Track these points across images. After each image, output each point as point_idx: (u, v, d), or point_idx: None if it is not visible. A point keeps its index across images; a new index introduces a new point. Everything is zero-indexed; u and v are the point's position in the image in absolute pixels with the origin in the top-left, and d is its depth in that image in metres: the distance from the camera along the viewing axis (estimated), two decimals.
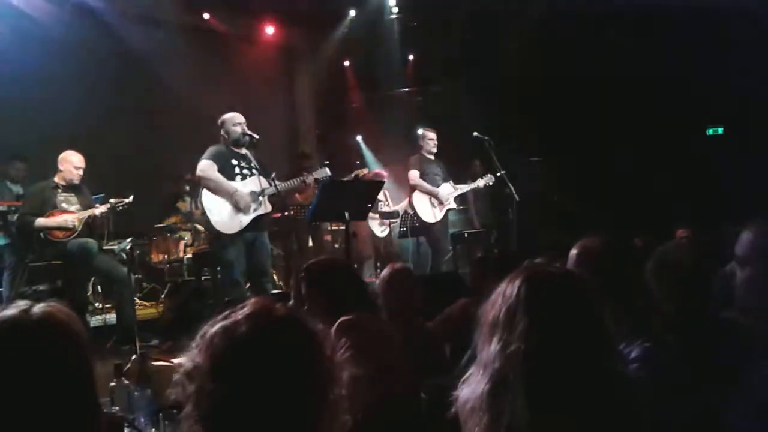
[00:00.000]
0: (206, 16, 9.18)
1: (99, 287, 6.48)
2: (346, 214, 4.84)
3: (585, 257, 2.31)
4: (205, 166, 5.24)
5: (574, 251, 2.32)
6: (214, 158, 5.28)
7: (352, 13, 9.82)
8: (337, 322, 2.34)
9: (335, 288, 2.61)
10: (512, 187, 6.83)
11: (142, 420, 2.64)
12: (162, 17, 8.62)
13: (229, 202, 5.21)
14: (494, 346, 1.51)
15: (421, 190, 7.22)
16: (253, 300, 1.28)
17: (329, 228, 7.81)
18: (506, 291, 1.55)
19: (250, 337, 1.19)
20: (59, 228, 5.39)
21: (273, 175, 5.30)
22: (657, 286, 2.40)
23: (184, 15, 8.92)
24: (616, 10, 8.28)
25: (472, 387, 1.54)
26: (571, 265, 2.29)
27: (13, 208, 6.15)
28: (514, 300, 1.52)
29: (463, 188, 7.47)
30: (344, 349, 2.11)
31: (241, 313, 1.23)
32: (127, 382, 2.83)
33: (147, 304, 7.06)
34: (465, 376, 1.57)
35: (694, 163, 8.40)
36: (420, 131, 7.50)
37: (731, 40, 7.70)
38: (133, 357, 4.57)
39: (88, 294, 6.31)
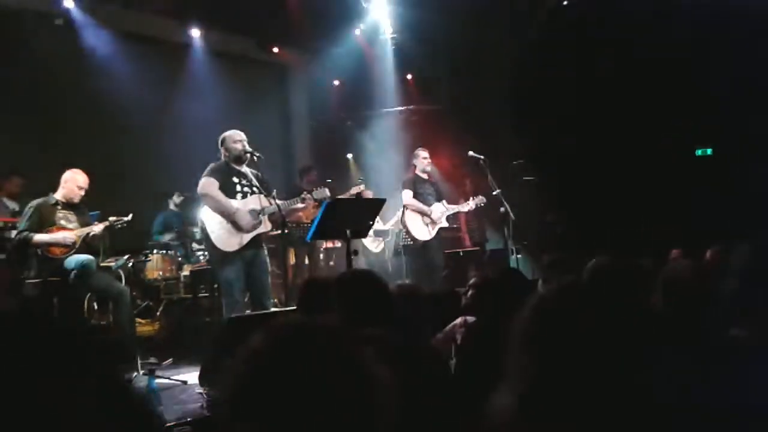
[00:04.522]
0: (197, 33, 9.22)
1: (95, 304, 6.45)
2: (348, 232, 4.87)
3: (597, 276, 2.37)
4: (206, 184, 5.23)
5: (587, 269, 2.39)
6: (215, 175, 5.27)
7: (357, 32, 9.90)
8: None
9: (365, 299, 2.65)
10: (508, 207, 6.90)
11: None
12: (157, 35, 8.69)
13: (229, 221, 5.23)
14: (520, 361, 1.56)
15: (413, 210, 7.28)
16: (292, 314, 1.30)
17: (324, 246, 7.84)
18: (532, 308, 1.59)
19: (294, 344, 1.21)
20: (57, 244, 5.37)
21: (274, 192, 5.31)
22: (664, 303, 2.46)
23: (177, 33, 9.00)
24: (609, 34, 8.45)
25: (499, 402, 1.58)
26: (585, 283, 2.35)
27: (9, 225, 6.13)
28: (536, 319, 1.56)
29: (455, 208, 7.53)
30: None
31: (281, 323, 1.25)
32: None
33: (142, 321, 7.03)
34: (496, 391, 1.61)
35: (684, 184, 8.53)
36: (414, 151, 7.58)
37: (723, 62, 7.87)
38: (135, 374, 4.56)
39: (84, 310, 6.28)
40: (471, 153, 7.29)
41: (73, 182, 5.52)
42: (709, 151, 9.19)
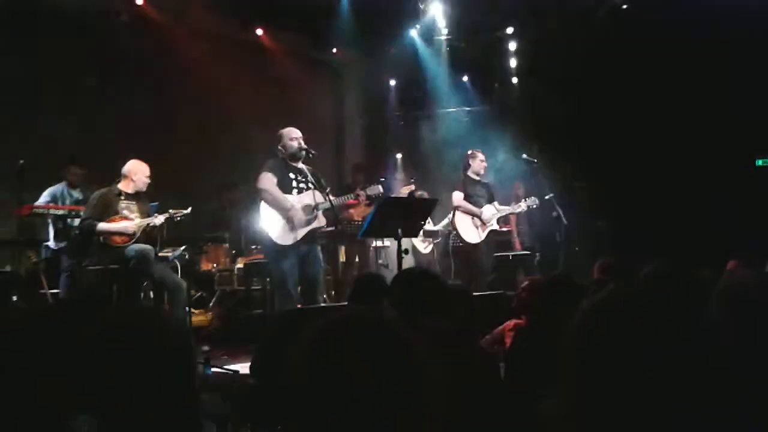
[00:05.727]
0: (259, 32, 9.40)
1: (151, 293, 6.63)
2: (400, 231, 4.92)
3: (652, 283, 2.36)
4: (265, 179, 5.36)
5: (642, 275, 2.38)
6: (273, 171, 5.40)
7: (413, 32, 9.92)
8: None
9: (426, 296, 2.70)
10: (560, 211, 6.85)
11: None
12: (216, 31, 8.85)
13: (284, 217, 5.33)
14: (571, 367, 1.57)
15: (463, 211, 7.27)
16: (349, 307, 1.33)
17: (374, 244, 7.90)
18: (584, 314, 1.60)
19: (347, 340, 1.25)
20: (119, 233, 5.56)
21: (328, 189, 5.40)
22: (722, 311, 2.43)
23: (238, 30, 9.17)
24: (666, 40, 8.31)
25: (552, 406, 1.60)
26: (639, 289, 2.34)
27: (73, 213, 6.35)
28: (588, 326, 1.57)
29: (506, 210, 7.49)
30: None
31: (338, 318, 1.29)
32: None
33: (195, 311, 7.19)
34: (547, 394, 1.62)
35: (743, 194, 8.33)
36: (469, 151, 7.55)
37: None
38: None
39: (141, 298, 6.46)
40: (525, 156, 7.26)
41: (141, 173, 5.70)
42: None
